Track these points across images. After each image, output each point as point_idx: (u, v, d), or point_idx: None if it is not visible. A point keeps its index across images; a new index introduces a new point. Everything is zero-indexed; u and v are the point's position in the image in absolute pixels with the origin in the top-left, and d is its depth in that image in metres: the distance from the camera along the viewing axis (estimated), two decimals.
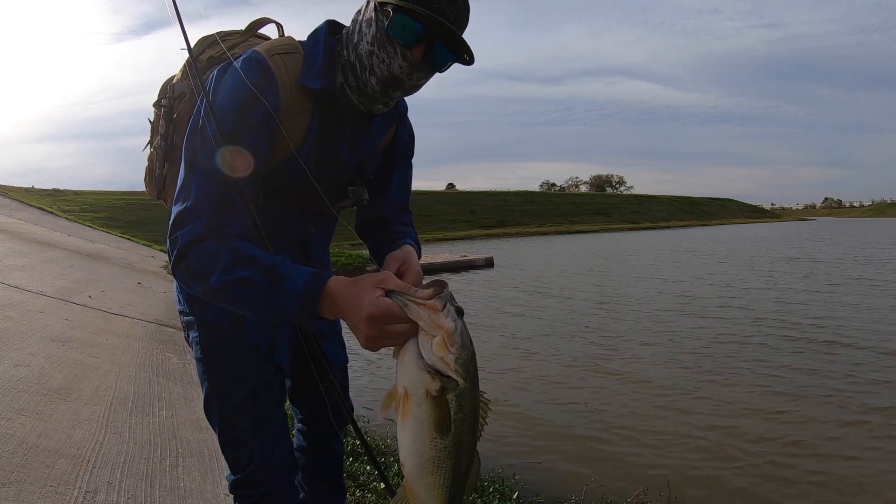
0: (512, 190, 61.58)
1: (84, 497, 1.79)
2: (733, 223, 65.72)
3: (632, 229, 47.80)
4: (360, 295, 0.83)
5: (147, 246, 15.04)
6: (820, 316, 8.01)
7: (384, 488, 2.23)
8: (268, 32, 1.29)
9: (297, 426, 1.47)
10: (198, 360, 1.19)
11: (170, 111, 1.24)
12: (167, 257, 0.98)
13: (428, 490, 0.86)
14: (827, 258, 17.80)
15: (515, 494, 2.76)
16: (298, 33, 1.12)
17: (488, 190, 61.18)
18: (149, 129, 1.34)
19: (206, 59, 1.19)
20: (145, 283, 7.47)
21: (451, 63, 1.03)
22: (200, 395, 1.22)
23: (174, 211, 0.95)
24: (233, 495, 1.22)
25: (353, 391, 1.60)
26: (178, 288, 1.23)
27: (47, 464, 1.91)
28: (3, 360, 2.77)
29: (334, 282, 0.87)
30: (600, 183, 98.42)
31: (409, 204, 1.33)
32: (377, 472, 1.36)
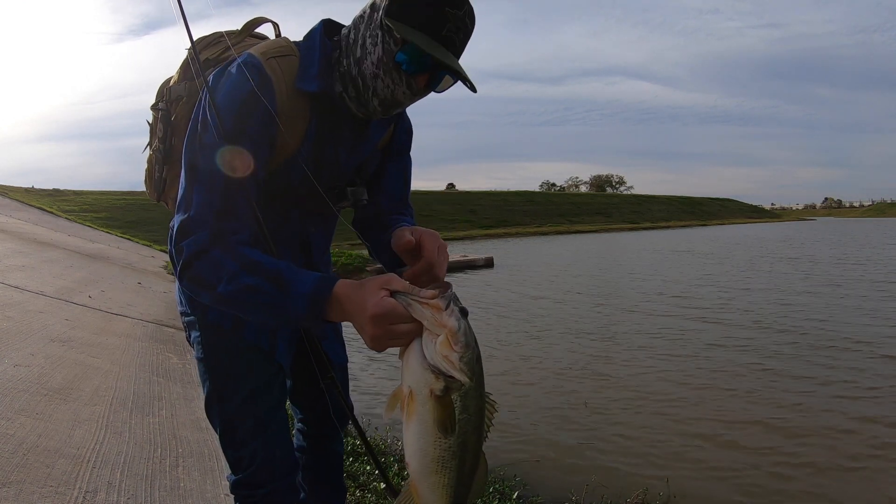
0: (512, 190, 61.70)
1: (84, 497, 1.78)
2: (733, 223, 65.74)
3: (632, 229, 47.80)
4: (366, 297, 0.83)
5: (147, 246, 15.03)
6: (820, 317, 8.00)
7: (385, 488, 2.24)
8: (265, 31, 1.28)
9: (297, 426, 1.47)
10: (199, 360, 1.19)
11: (167, 114, 1.24)
12: (167, 258, 0.98)
13: (432, 489, 0.86)
14: (827, 258, 17.81)
15: (515, 494, 2.76)
16: (298, 33, 1.11)
17: (488, 190, 61.31)
18: (148, 130, 1.34)
19: (202, 60, 1.19)
20: (145, 283, 7.46)
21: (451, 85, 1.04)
22: (201, 395, 1.21)
23: (177, 220, 0.95)
24: (234, 495, 1.22)
25: (354, 392, 1.60)
26: (179, 288, 1.23)
27: (47, 464, 1.91)
28: (3, 360, 2.77)
29: (341, 285, 0.88)
30: (600, 183, 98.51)
31: (408, 198, 1.31)
32: (378, 471, 1.36)
